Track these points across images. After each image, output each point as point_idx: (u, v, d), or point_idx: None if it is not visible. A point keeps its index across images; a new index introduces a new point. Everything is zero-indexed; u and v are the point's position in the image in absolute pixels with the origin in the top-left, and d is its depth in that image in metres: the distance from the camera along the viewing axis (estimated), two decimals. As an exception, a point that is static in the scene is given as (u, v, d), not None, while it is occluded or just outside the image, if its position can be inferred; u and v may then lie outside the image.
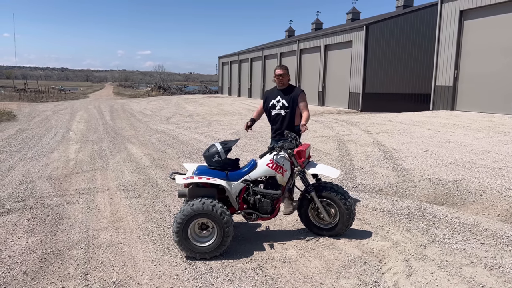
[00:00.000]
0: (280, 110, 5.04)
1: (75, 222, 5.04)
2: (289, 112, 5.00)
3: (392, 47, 22.74)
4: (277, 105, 5.07)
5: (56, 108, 25.26)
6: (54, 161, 9.00)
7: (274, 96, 5.16)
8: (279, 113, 5.07)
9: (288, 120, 5.02)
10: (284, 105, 5.03)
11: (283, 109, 5.04)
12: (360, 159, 8.10)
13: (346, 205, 4.19)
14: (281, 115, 5.05)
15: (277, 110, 5.07)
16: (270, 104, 5.17)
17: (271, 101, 5.16)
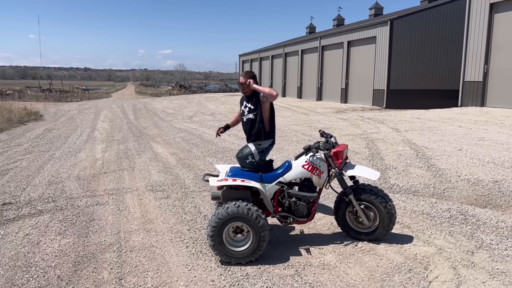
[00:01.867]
0: (249, 114, 4.87)
1: (106, 224, 4.99)
2: (258, 113, 4.79)
3: (418, 42, 22.19)
4: (245, 111, 4.93)
5: (81, 107, 25.63)
6: (82, 160, 9.04)
7: (242, 103, 5.09)
8: (249, 117, 4.90)
9: (258, 121, 4.80)
10: (250, 108, 4.86)
11: (251, 112, 4.86)
12: (391, 158, 7.85)
13: (386, 208, 4.00)
14: (250, 118, 4.87)
15: (247, 116, 4.91)
16: (241, 111, 5.09)
17: (241, 108, 5.08)
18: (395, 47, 21.95)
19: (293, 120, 15.90)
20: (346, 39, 26.20)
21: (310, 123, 14.55)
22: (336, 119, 15.60)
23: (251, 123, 4.83)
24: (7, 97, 31.36)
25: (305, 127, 13.46)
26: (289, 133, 12.19)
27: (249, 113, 4.85)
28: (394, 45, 21.92)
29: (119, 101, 33.48)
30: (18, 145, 11.16)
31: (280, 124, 14.26)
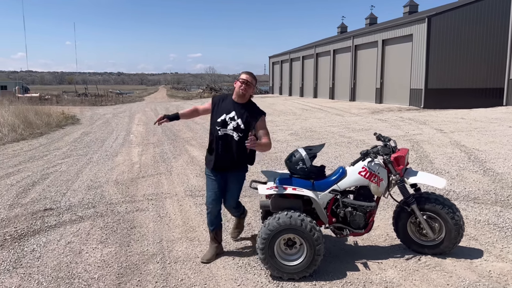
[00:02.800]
0: (233, 132, 3.77)
1: (147, 232, 4.82)
2: (243, 137, 3.74)
3: (457, 39, 21.26)
4: (229, 123, 3.79)
5: (115, 111, 26.03)
6: (119, 164, 9.00)
7: (227, 109, 3.85)
8: (230, 135, 3.79)
9: (238, 147, 3.78)
10: (239, 127, 3.76)
11: (237, 131, 3.76)
12: (441, 161, 7.37)
13: (454, 219, 3.61)
14: (231, 138, 3.79)
15: (230, 131, 3.79)
16: (220, 118, 3.83)
17: (222, 114, 3.84)
18: (433, 45, 21.11)
19: (328, 121, 15.49)
20: (381, 37, 25.49)
21: (347, 124, 14.10)
22: (374, 120, 15.07)
23: (230, 144, 3.80)
24: (45, 101, 32.33)
25: (342, 128, 13.03)
26: (326, 135, 11.81)
27: (235, 130, 3.77)
28: (432, 43, 21.10)
29: (151, 104, 33.89)
30: (57, 149, 11.29)
31: (315, 126, 13.90)
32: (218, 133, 3.81)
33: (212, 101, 4.02)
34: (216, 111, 3.91)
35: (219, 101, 3.95)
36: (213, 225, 4.09)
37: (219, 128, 3.81)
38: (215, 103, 3.96)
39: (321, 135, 11.87)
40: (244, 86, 3.79)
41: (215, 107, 3.93)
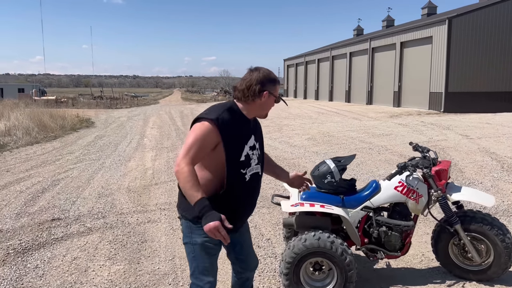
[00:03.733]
0: (258, 167, 2.43)
1: (159, 247, 4.47)
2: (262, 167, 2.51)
3: (479, 42, 20.59)
4: (252, 156, 2.37)
5: (130, 114, 25.93)
6: (132, 170, 8.71)
7: (244, 134, 2.34)
8: (257, 173, 2.44)
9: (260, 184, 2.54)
10: (260, 155, 2.47)
11: (260, 163, 2.46)
12: (472, 171, 6.89)
13: (505, 242, 3.18)
14: (258, 178, 2.47)
15: (254, 168, 2.39)
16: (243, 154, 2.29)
17: (242, 146, 2.31)
18: (453, 47, 20.49)
19: (345, 125, 15.03)
20: (399, 40, 24.94)
21: (366, 129, 13.62)
22: (393, 124, 14.56)
23: (257, 186, 2.49)
24: (61, 104, 32.50)
25: (362, 133, 12.57)
26: (345, 140, 11.37)
27: (259, 162, 2.44)
28: (452, 45, 20.48)
29: (166, 107, 33.80)
30: (70, 153, 11.09)
31: (333, 130, 13.46)
32: (245, 178, 2.32)
33: (217, 126, 2.18)
34: (230, 142, 2.23)
35: (229, 125, 2.23)
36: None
37: (245, 169, 2.31)
38: (224, 129, 2.20)
39: (339, 140, 11.43)
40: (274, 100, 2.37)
41: (226, 135, 2.21)
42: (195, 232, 2.28)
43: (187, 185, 2.07)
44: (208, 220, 2.01)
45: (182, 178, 2.08)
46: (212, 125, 2.17)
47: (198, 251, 2.30)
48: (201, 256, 2.31)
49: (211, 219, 2.01)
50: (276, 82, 2.36)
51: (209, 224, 2.00)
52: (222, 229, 2.00)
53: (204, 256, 2.32)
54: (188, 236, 2.32)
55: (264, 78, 2.29)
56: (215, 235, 2.01)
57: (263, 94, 2.27)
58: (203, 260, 2.32)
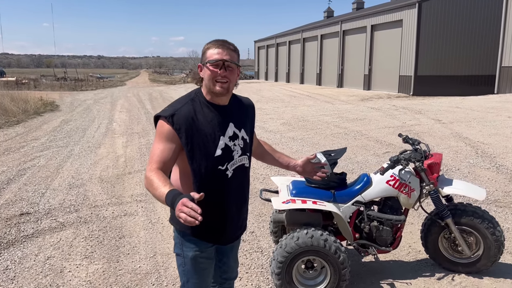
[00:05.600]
0: (244, 158, 2.13)
1: (138, 243, 4.27)
2: (250, 158, 2.22)
3: (448, 26, 20.92)
4: (235, 147, 2.08)
5: (96, 96, 25.04)
6: (103, 158, 8.36)
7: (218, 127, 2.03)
8: (243, 165, 2.14)
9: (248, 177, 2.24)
10: (247, 143, 2.16)
11: (245, 152, 2.15)
12: (448, 157, 6.98)
13: (495, 235, 3.17)
14: (245, 170, 2.17)
15: (239, 160, 2.10)
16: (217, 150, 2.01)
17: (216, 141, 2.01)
18: (423, 31, 20.75)
19: (319, 109, 15.02)
20: (370, 23, 25.02)
21: (340, 113, 13.64)
22: (366, 108, 14.66)
23: (244, 177, 2.19)
24: (22, 86, 30.93)
25: (336, 118, 12.58)
26: (320, 125, 11.34)
27: (244, 153, 2.13)
28: (422, 29, 20.73)
29: (134, 89, 32.86)
30: (35, 139, 10.55)
31: (307, 115, 13.40)
32: (227, 174, 2.04)
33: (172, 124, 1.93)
34: (194, 140, 1.96)
35: (189, 121, 1.96)
36: None
37: (225, 165, 2.03)
38: (182, 127, 1.94)
39: (314, 125, 11.39)
40: (225, 73, 1.98)
41: (186, 135, 1.95)
42: (186, 245, 2.08)
43: (151, 188, 1.81)
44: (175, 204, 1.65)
45: (147, 185, 1.85)
46: (167, 123, 1.93)
47: (189, 265, 2.10)
48: (192, 271, 2.11)
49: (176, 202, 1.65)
50: (207, 48, 2.01)
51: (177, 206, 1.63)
52: (189, 202, 1.60)
53: (194, 271, 2.11)
54: (180, 248, 2.12)
55: (202, 52, 2.04)
56: (185, 213, 1.58)
57: (199, 68, 2.05)
58: (193, 275, 2.11)
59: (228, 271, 2.37)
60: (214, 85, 1.99)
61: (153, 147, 1.95)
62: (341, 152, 3.34)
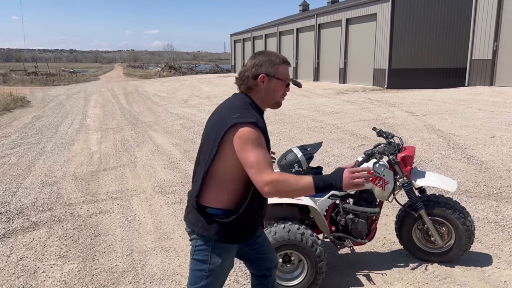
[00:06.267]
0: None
1: (114, 241, 4.21)
2: None
3: (421, 19, 21.31)
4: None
5: (69, 92, 24.46)
6: (77, 155, 8.20)
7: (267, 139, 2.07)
8: None
9: None
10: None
11: None
12: (421, 148, 7.14)
13: (466, 225, 3.27)
14: None
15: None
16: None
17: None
18: (396, 25, 21.06)
19: (295, 103, 15.09)
20: (344, 16, 25.22)
21: (316, 106, 13.75)
22: (342, 102, 14.82)
23: None
24: (-10, 81, 29.93)
25: (312, 111, 12.67)
26: (296, 119, 11.40)
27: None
28: (395, 22, 21.03)
29: (108, 84, 32.23)
30: (5, 136, 10.25)
31: (284, 108, 13.45)
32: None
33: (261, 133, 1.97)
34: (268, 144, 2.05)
35: (263, 129, 2.01)
36: None
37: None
38: (262, 128, 2.00)
39: (291, 118, 11.44)
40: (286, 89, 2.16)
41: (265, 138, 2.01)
42: (216, 252, 2.04)
43: (289, 186, 1.82)
44: (339, 182, 1.83)
45: (281, 188, 1.82)
46: (256, 129, 1.91)
47: (215, 271, 2.06)
48: (216, 276, 2.08)
49: (339, 179, 1.83)
50: (280, 63, 2.08)
51: (343, 182, 1.82)
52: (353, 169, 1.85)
53: (218, 276, 2.10)
54: (206, 254, 2.04)
55: (262, 60, 2.06)
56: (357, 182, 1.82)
57: (259, 78, 2.03)
58: (213, 282, 2.08)
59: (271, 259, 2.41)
60: (279, 100, 2.12)
61: (254, 155, 1.86)
62: (317, 146, 3.38)
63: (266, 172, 1.83)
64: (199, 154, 2.10)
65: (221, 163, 1.96)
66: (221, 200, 1.98)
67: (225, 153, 1.93)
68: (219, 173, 1.97)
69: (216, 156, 1.94)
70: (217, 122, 2.00)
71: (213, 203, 2.00)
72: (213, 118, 2.09)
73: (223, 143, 1.92)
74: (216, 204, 1.99)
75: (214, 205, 2.00)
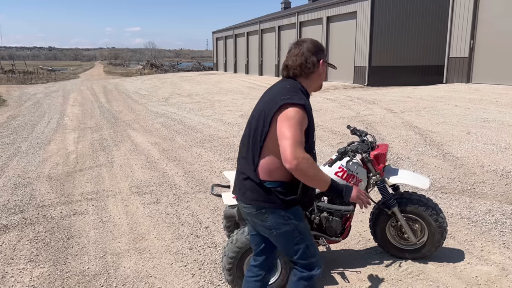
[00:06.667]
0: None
1: (87, 243, 4.12)
2: None
3: (400, 17, 21.55)
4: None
5: (47, 90, 23.99)
6: (52, 155, 8.02)
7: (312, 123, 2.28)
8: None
9: None
10: None
11: None
12: (398, 145, 7.21)
13: (438, 222, 3.30)
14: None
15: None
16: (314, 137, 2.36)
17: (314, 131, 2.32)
18: (376, 23, 21.24)
19: (277, 101, 15.08)
20: (325, 14, 25.33)
21: (297, 104, 13.77)
22: (322, 99, 14.88)
23: None
24: (-36, 80, 29.11)
25: (293, 109, 12.68)
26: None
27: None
28: (375, 20, 21.22)
29: (88, 82, 31.73)
30: (-23, 137, 9.96)
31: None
32: (315, 155, 2.39)
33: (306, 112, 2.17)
34: (310, 130, 2.24)
35: (310, 112, 2.24)
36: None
37: (315, 149, 2.39)
38: (309, 116, 2.20)
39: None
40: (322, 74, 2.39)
41: (309, 124, 2.21)
42: (292, 217, 2.25)
43: (316, 171, 2.08)
44: (348, 193, 2.22)
45: (308, 167, 2.03)
46: (303, 111, 2.12)
47: (303, 230, 2.30)
48: (306, 233, 2.33)
49: (349, 190, 2.22)
50: (324, 50, 2.37)
51: (352, 194, 2.23)
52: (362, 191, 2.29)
53: (308, 232, 2.35)
54: (285, 223, 2.24)
55: (315, 47, 2.30)
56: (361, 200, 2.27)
57: (320, 63, 2.28)
58: (308, 238, 2.32)
59: None
60: (322, 82, 2.40)
61: (294, 130, 2.04)
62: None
63: (300, 147, 2.03)
64: (249, 135, 2.26)
65: (272, 141, 2.12)
66: (275, 174, 2.18)
67: (275, 131, 2.11)
68: (270, 150, 2.15)
69: (268, 134, 2.13)
70: (267, 102, 2.20)
71: (269, 177, 2.19)
72: (263, 100, 2.29)
73: (273, 121, 2.12)
74: (272, 178, 2.18)
75: (271, 179, 2.19)
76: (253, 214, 2.27)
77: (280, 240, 2.29)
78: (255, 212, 2.25)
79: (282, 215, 2.22)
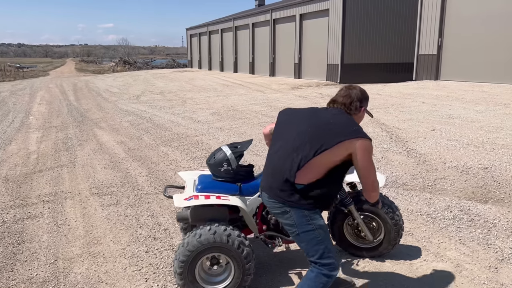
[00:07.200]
0: None
1: (39, 248, 3.94)
2: None
3: (371, 15, 21.79)
4: None
5: (14, 88, 23.21)
6: (12, 155, 7.72)
7: None
8: None
9: None
10: None
11: None
12: (365, 142, 7.24)
13: (394, 219, 3.29)
14: None
15: None
16: None
17: None
18: (348, 20, 21.42)
19: (249, 98, 15.02)
20: (298, 12, 25.38)
21: (269, 102, 13.74)
22: (294, 97, 14.90)
23: None
24: None
25: (265, 106, 12.64)
26: (248, 114, 11.32)
27: None
28: (347, 18, 21.38)
29: (57, 79, 30.86)
30: None
31: (237, 104, 13.36)
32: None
33: None
34: None
35: None
36: None
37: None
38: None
39: (243, 114, 11.35)
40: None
41: None
42: (314, 217, 2.50)
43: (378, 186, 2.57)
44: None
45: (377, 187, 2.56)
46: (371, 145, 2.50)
47: (322, 231, 2.51)
48: (326, 235, 2.52)
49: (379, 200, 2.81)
50: (368, 99, 2.76)
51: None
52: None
53: (327, 234, 2.54)
54: (308, 224, 2.48)
55: (362, 96, 2.68)
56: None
57: (361, 110, 2.67)
58: (328, 240, 2.53)
59: None
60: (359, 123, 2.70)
61: (372, 163, 2.48)
62: (247, 144, 3.29)
63: (375, 176, 2.52)
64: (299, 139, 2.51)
65: (326, 156, 2.41)
66: (307, 177, 2.44)
67: (337, 152, 2.41)
68: (317, 163, 2.42)
69: (325, 151, 2.40)
70: (336, 126, 2.48)
71: (302, 180, 2.44)
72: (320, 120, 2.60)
73: (341, 145, 2.40)
74: (303, 181, 2.44)
75: (302, 182, 2.44)
76: (277, 210, 2.54)
77: (302, 239, 2.51)
78: (279, 207, 2.52)
79: (305, 215, 2.47)
